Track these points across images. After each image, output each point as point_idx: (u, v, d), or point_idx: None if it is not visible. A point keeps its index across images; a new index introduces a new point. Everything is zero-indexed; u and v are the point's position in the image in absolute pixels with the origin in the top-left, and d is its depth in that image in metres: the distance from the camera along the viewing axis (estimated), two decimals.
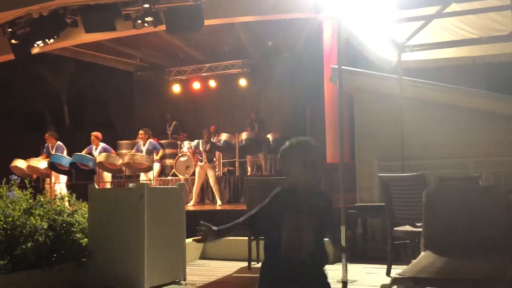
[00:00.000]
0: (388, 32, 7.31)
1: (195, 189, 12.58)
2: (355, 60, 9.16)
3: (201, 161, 12.62)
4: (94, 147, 12.53)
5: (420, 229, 4.10)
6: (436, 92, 7.80)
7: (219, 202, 12.43)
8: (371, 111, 8.23)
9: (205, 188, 13.16)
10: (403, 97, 7.63)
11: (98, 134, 12.72)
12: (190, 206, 12.06)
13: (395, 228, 5.77)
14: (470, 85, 7.91)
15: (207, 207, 12.10)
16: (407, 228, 5.69)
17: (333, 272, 6.13)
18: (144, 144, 12.57)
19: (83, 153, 12.44)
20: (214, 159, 13.04)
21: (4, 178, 6.02)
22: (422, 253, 3.62)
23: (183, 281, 5.90)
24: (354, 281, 5.63)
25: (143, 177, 12.59)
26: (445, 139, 7.67)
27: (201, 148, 12.72)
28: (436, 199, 3.76)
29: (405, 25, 7.26)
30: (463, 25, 7.22)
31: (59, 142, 12.74)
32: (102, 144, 12.60)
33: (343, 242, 5.68)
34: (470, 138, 7.62)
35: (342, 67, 6.18)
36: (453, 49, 7.81)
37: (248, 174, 13.95)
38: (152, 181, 12.23)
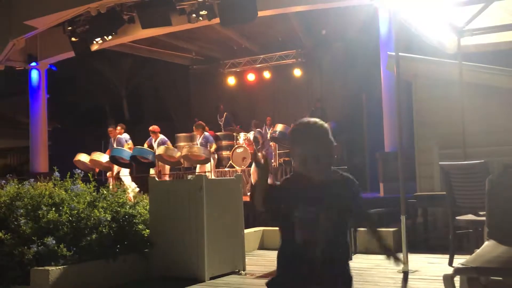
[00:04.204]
0: (447, 16, 7.12)
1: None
2: (410, 47, 8.97)
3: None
4: (153, 139, 12.86)
5: (483, 218, 3.99)
6: (498, 77, 7.55)
7: None
8: (430, 98, 8.04)
9: None
10: (463, 83, 7.43)
11: (155, 127, 13.00)
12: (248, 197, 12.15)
13: (457, 217, 5.65)
14: None
15: None
16: (470, 217, 5.56)
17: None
18: (198, 138, 12.83)
19: (144, 146, 12.78)
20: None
21: (68, 172, 6.20)
22: (486, 243, 3.54)
23: (242, 271, 5.96)
24: (415, 271, 5.55)
25: (199, 169, 12.81)
26: (508, 125, 7.43)
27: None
28: (500, 186, 3.66)
29: (464, 9, 7.05)
30: None
31: (119, 135, 13.10)
32: (160, 136, 12.90)
33: (402, 232, 5.62)
34: None
35: (399, 53, 6.08)
36: None
37: None
38: (210, 173, 12.40)
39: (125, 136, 13.19)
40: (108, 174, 13.15)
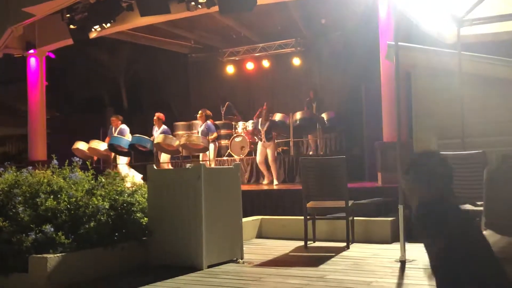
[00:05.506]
0: (446, 6, 7.09)
1: (261, 167, 12.59)
2: (409, 37, 8.94)
3: (261, 140, 12.60)
4: (156, 128, 12.81)
5: (481, 208, 4.00)
6: (497, 67, 7.54)
7: (275, 182, 12.45)
8: (429, 88, 8.03)
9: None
10: (463, 73, 7.41)
11: (161, 115, 12.96)
12: (265, 185, 12.10)
13: None
14: None
15: (264, 187, 12.15)
16: (468, 207, 5.57)
17: (391, 251, 6.09)
18: (200, 125, 12.84)
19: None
20: (274, 137, 13.09)
21: (67, 160, 6.20)
22: (483, 233, 3.54)
23: (240, 260, 5.99)
24: (412, 260, 5.56)
25: (201, 157, 12.85)
26: (507, 115, 7.42)
27: (259, 127, 12.67)
28: (498, 177, 3.67)
29: None
30: None
31: (121, 125, 13.06)
32: (163, 126, 12.85)
33: (400, 222, 5.63)
34: None
35: (399, 43, 6.06)
36: None
37: (303, 153, 13.90)
38: (209, 162, 12.40)
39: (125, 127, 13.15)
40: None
